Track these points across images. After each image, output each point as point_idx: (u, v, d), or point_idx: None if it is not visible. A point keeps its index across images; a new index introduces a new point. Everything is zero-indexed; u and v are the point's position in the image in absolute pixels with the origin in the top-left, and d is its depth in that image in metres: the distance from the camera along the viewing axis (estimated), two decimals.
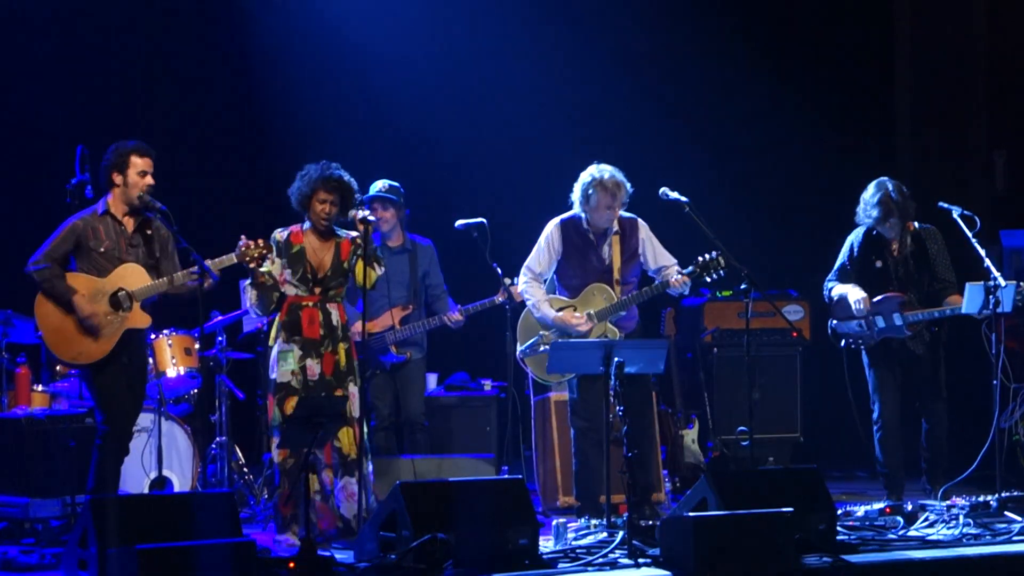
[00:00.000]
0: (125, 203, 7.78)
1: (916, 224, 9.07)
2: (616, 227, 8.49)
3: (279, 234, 8.03)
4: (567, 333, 8.46)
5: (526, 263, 8.60)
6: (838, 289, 9.15)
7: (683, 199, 8.34)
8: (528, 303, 8.59)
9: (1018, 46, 12.03)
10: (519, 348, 8.70)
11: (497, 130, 11.81)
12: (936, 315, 8.93)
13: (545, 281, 8.66)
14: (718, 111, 12.26)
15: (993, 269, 8.69)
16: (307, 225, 8.06)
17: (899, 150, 12.31)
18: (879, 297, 9.00)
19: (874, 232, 9.11)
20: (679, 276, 8.39)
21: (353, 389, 7.91)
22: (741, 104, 12.28)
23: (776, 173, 12.27)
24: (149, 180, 7.76)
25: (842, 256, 9.25)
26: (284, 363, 7.90)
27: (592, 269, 8.52)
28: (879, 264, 9.11)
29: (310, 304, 7.95)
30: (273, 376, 7.96)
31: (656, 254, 8.56)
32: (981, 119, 12.25)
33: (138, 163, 7.75)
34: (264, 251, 7.77)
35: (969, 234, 8.94)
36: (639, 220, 8.59)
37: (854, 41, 12.16)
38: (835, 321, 9.18)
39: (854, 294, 9.00)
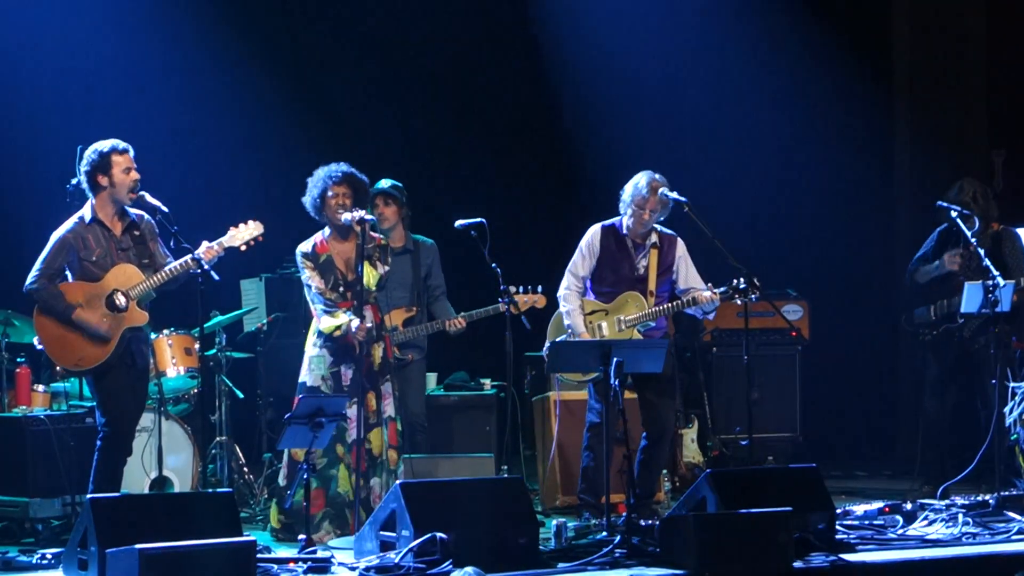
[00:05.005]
0: (113, 204, 7.69)
1: (1000, 225, 9.14)
2: (655, 239, 8.52)
3: (304, 246, 8.03)
4: None
5: (569, 268, 8.57)
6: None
7: (683, 199, 8.34)
8: (563, 309, 8.58)
9: (1018, 46, 12.02)
10: (547, 345, 8.70)
11: (497, 130, 11.82)
12: None
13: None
14: (717, 111, 12.26)
15: (992, 268, 8.71)
16: (328, 232, 8.05)
17: (898, 150, 12.31)
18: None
19: (954, 228, 9.16)
20: (710, 293, 8.37)
21: (387, 388, 7.91)
22: (740, 103, 12.28)
23: (776, 172, 12.27)
24: (135, 175, 7.63)
25: (925, 244, 9.41)
26: (315, 368, 7.95)
27: (625, 277, 8.52)
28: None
29: (344, 310, 7.94)
30: (302, 379, 7.99)
31: (688, 275, 8.55)
32: (981, 119, 12.26)
33: (120, 161, 7.62)
34: (254, 231, 7.74)
35: (968, 234, 8.97)
36: (679, 239, 8.61)
37: (853, 40, 12.16)
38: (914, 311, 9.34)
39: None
